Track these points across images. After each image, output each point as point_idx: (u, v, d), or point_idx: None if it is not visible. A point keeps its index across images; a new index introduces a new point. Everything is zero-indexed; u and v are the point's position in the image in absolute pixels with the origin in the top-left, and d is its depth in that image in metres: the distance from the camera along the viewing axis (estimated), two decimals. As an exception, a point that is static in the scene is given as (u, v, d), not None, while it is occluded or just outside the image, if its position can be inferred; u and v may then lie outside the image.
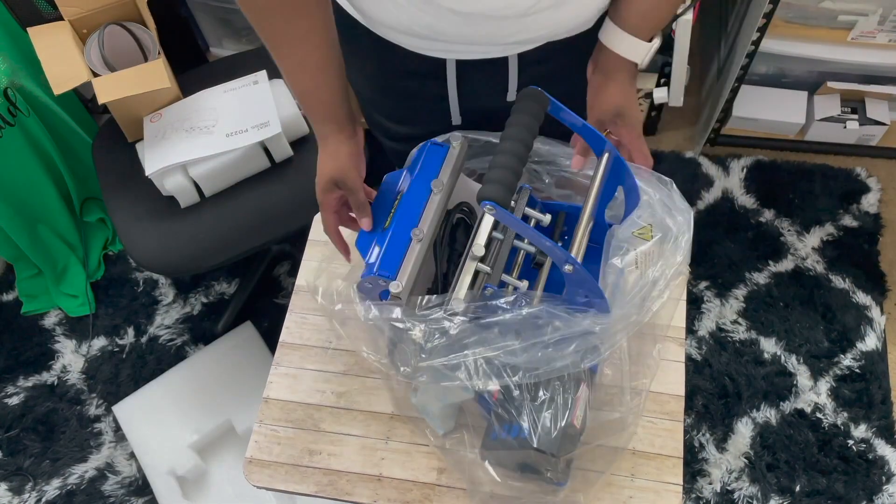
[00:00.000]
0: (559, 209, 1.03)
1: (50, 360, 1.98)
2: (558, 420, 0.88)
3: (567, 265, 0.82)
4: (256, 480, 1.04)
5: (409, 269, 0.89)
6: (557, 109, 0.89)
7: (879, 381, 1.83)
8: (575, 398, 0.89)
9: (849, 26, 1.82)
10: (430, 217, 0.93)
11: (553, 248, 0.82)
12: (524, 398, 0.89)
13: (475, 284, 0.89)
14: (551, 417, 0.88)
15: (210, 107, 1.59)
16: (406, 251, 0.90)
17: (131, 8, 1.64)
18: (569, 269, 0.83)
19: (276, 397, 1.10)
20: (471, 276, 0.89)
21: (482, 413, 0.90)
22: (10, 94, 1.73)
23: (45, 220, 1.97)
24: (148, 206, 1.58)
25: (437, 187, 0.94)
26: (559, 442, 0.87)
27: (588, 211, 0.89)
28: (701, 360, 1.87)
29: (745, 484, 1.73)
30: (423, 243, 0.91)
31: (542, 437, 0.87)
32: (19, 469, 1.84)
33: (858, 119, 2.04)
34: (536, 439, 0.87)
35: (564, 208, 1.03)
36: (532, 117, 0.85)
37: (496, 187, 0.79)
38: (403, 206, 0.94)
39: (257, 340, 1.89)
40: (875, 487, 1.72)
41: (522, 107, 0.86)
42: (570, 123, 0.90)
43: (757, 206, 2.08)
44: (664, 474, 1.01)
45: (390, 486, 1.02)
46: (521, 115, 0.85)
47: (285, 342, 1.14)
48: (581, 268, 0.82)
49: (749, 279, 1.98)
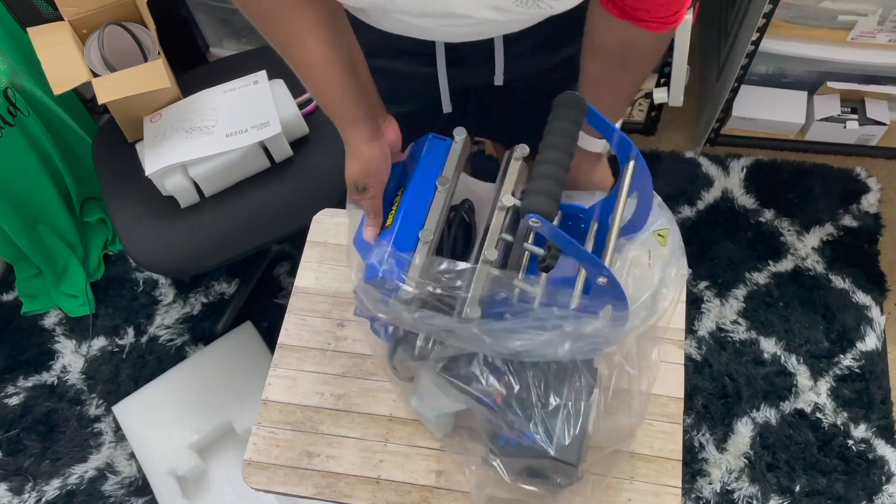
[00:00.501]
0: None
1: (50, 360, 1.98)
2: (574, 428, 0.86)
3: (601, 277, 0.80)
4: (255, 483, 1.04)
5: (419, 272, 0.86)
6: (593, 115, 0.86)
7: (879, 381, 1.83)
8: (588, 404, 0.88)
9: (849, 26, 1.82)
10: (437, 217, 0.90)
11: (590, 260, 0.80)
12: (534, 404, 0.87)
13: (487, 289, 0.86)
14: (566, 425, 0.86)
15: (210, 107, 1.59)
16: (414, 253, 0.87)
17: (131, 8, 1.64)
18: (602, 281, 0.80)
19: (275, 399, 1.10)
20: (483, 282, 0.85)
21: (484, 418, 0.89)
22: (10, 94, 1.73)
23: (45, 220, 1.97)
24: (148, 206, 1.58)
25: (442, 184, 0.91)
26: (577, 451, 0.85)
27: (617, 220, 0.86)
28: (701, 360, 1.87)
29: (745, 484, 1.73)
30: (430, 244, 0.88)
31: (559, 446, 0.85)
32: (19, 469, 1.84)
33: (858, 119, 2.04)
34: (554, 448, 0.85)
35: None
36: (572, 123, 0.83)
37: (543, 199, 0.76)
38: (407, 203, 0.91)
39: (257, 340, 1.89)
40: (875, 487, 1.72)
41: (561, 113, 0.83)
42: (606, 131, 0.89)
43: (757, 206, 2.08)
44: (663, 477, 1.01)
45: (389, 488, 1.02)
46: (561, 121, 0.83)
47: (284, 344, 1.14)
48: (615, 279, 0.80)
49: (749, 279, 1.98)
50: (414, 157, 0.96)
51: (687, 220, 2.07)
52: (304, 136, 1.62)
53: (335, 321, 1.14)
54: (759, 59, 1.88)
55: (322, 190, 1.57)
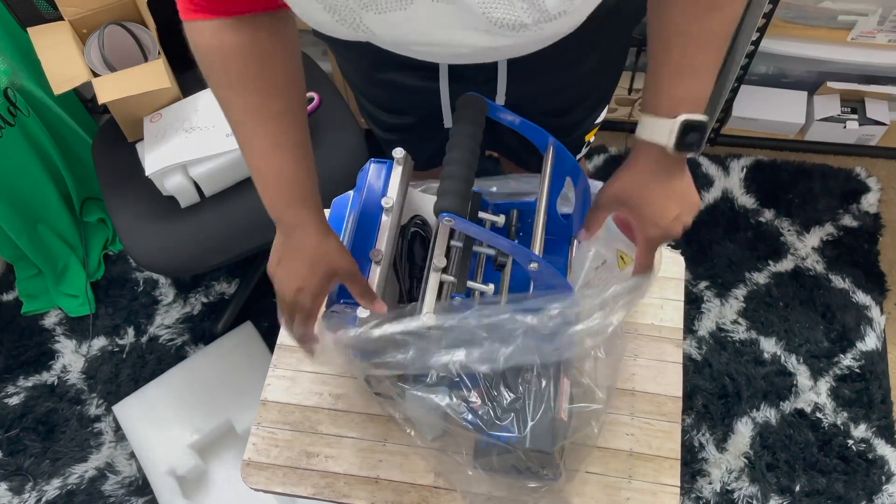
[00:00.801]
0: (511, 208, 1.03)
1: (50, 360, 1.99)
2: (545, 415, 0.88)
3: (532, 263, 0.83)
4: (254, 483, 1.04)
5: (373, 292, 0.88)
6: (495, 110, 0.89)
7: (879, 381, 1.83)
8: (559, 391, 0.89)
9: (849, 26, 1.82)
10: (386, 236, 0.92)
11: (516, 249, 0.83)
12: (506, 404, 0.89)
13: (441, 296, 0.88)
14: (538, 414, 0.88)
15: (210, 107, 1.59)
16: (367, 274, 0.89)
17: (131, 8, 1.64)
18: (534, 267, 0.83)
19: (274, 399, 1.10)
20: (436, 289, 0.88)
21: (464, 425, 0.90)
22: (11, 94, 1.73)
23: (45, 220, 1.97)
24: (148, 206, 1.58)
25: (387, 204, 0.93)
26: (550, 437, 0.87)
27: (543, 207, 0.89)
28: (701, 360, 1.87)
29: (745, 484, 1.73)
30: (382, 264, 0.90)
31: (533, 435, 0.87)
32: (19, 469, 1.85)
33: (858, 119, 2.04)
34: (529, 439, 0.87)
35: (516, 206, 1.03)
36: (473, 124, 0.85)
37: (451, 199, 0.79)
38: (358, 228, 0.92)
39: (257, 340, 1.89)
40: (875, 487, 1.72)
41: (462, 115, 0.86)
42: (509, 122, 0.90)
43: (757, 206, 2.08)
44: (662, 476, 1.01)
45: (388, 488, 1.03)
46: (463, 123, 0.85)
47: (283, 344, 1.14)
48: (546, 264, 0.83)
49: (749, 279, 1.97)
50: (360, 183, 0.97)
51: (687, 220, 2.07)
52: (304, 136, 1.62)
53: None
54: (758, 59, 1.88)
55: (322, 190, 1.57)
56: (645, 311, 1.12)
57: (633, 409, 1.04)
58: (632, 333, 1.09)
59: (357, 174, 1.00)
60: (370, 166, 0.98)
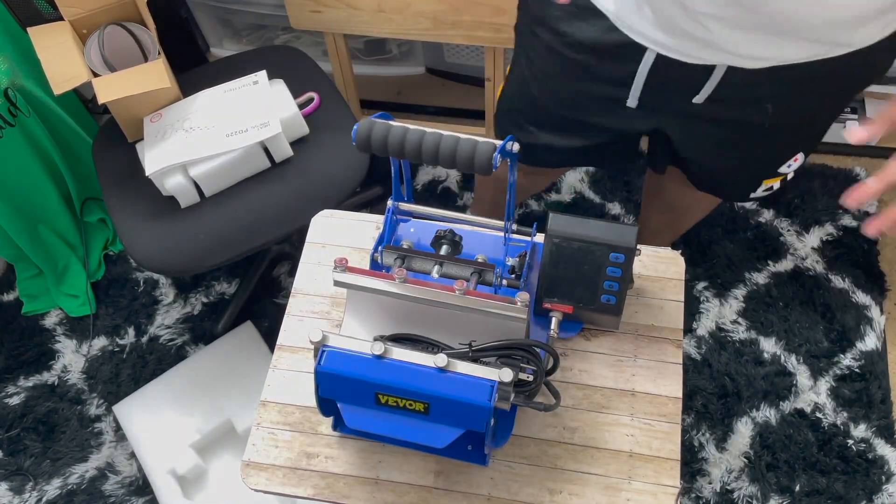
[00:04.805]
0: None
1: (50, 360, 1.99)
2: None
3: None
4: (253, 483, 1.04)
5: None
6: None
7: (879, 381, 1.83)
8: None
9: (849, 26, 1.81)
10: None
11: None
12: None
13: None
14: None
15: (210, 107, 1.59)
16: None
17: (131, 8, 1.64)
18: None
19: (274, 400, 1.10)
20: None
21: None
22: (11, 94, 1.73)
23: (45, 220, 1.97)
24: (148, 206, 1.58)
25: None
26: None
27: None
28: (701, 359, 1.87)
29: (745, 483, 1.74)
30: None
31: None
32: (19, 469, 1.85)
33: (858, 119, 2.04)
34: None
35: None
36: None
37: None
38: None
39: (257, 340, 1.89)
40: (875, 487, 1.72)
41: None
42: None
43: (756, 206, 2.08)
44: (662, 477, 1.01)
45: (388, 489, 1.03)
46: None
47: (283, 345, 1.14)
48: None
49: (749, 279, 1.98)
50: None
51: (687, 219, 2.07)
52: (304, 136, 1.63)
53: (334, 322, 1.14)
54: (759, 59, 1.88)
55: (322, 190, 1.57)
56: (645, 312, 1.12)
57: (633, 410, 1.04)
58: (632, 334, 1.09)
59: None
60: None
